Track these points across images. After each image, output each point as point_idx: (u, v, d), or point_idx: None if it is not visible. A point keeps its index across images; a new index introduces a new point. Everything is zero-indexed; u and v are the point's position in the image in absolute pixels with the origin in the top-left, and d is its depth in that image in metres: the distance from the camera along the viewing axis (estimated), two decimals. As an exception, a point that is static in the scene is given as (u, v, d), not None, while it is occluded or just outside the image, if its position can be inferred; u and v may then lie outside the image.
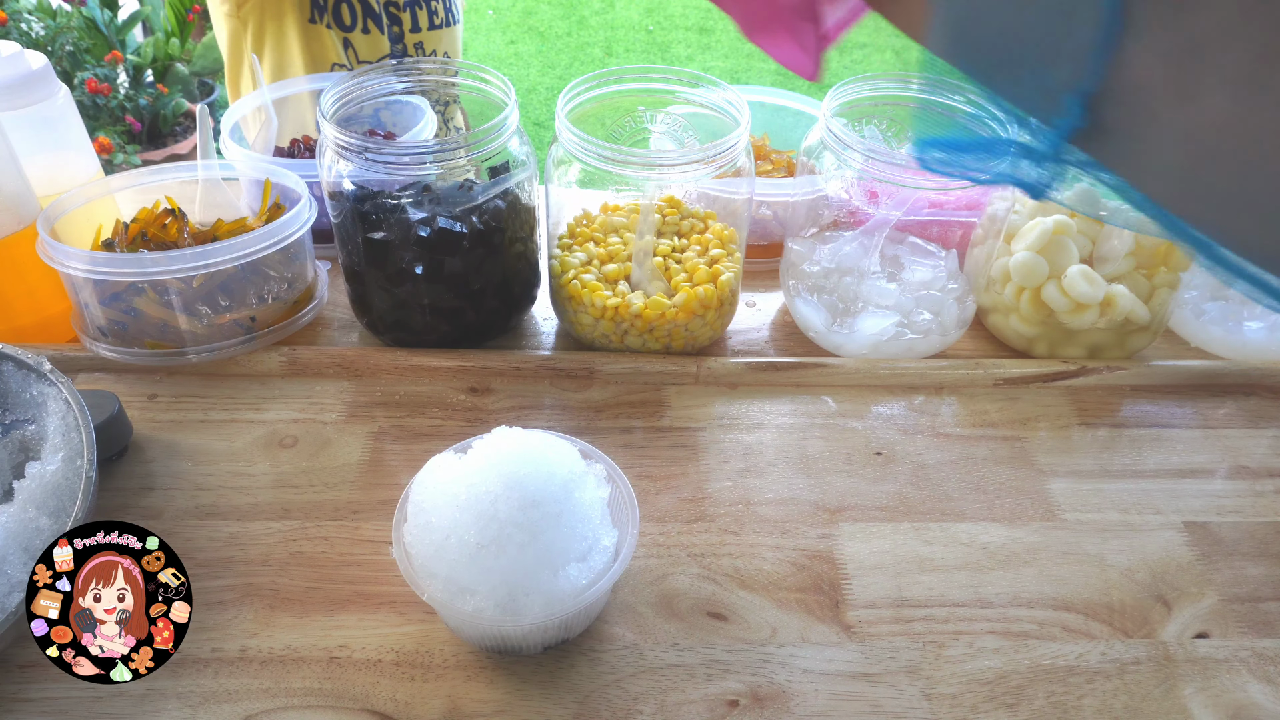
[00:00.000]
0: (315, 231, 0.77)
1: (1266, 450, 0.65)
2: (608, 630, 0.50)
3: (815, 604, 0.52)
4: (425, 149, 0.59)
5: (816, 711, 0.46)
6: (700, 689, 0.47)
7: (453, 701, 0.46)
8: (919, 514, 0.58)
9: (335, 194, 0.63)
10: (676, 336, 0.67)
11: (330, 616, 0.50)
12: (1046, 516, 0.59)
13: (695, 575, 0.53)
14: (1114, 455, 0.64)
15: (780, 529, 0.57)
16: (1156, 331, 0.71)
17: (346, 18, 1.12)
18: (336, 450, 0.61)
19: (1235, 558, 0.56)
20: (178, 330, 0.64)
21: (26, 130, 0.68)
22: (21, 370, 0.54)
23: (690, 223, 0.71)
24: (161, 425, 0.63)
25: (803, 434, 0.64)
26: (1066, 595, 0.53)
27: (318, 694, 0.46)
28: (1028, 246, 0.67)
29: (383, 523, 0.56)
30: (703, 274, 0.66)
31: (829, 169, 0.68)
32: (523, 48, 3.85)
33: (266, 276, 0.66)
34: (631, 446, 0.62)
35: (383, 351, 0.68)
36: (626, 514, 0.48)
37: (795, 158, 0.81)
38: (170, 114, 2.16)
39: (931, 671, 0.49)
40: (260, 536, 0.55)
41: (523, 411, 0.65)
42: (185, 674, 0.47)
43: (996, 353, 0.73)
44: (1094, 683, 0.48)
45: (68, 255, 0.61)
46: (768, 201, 0.81)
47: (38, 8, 2.02)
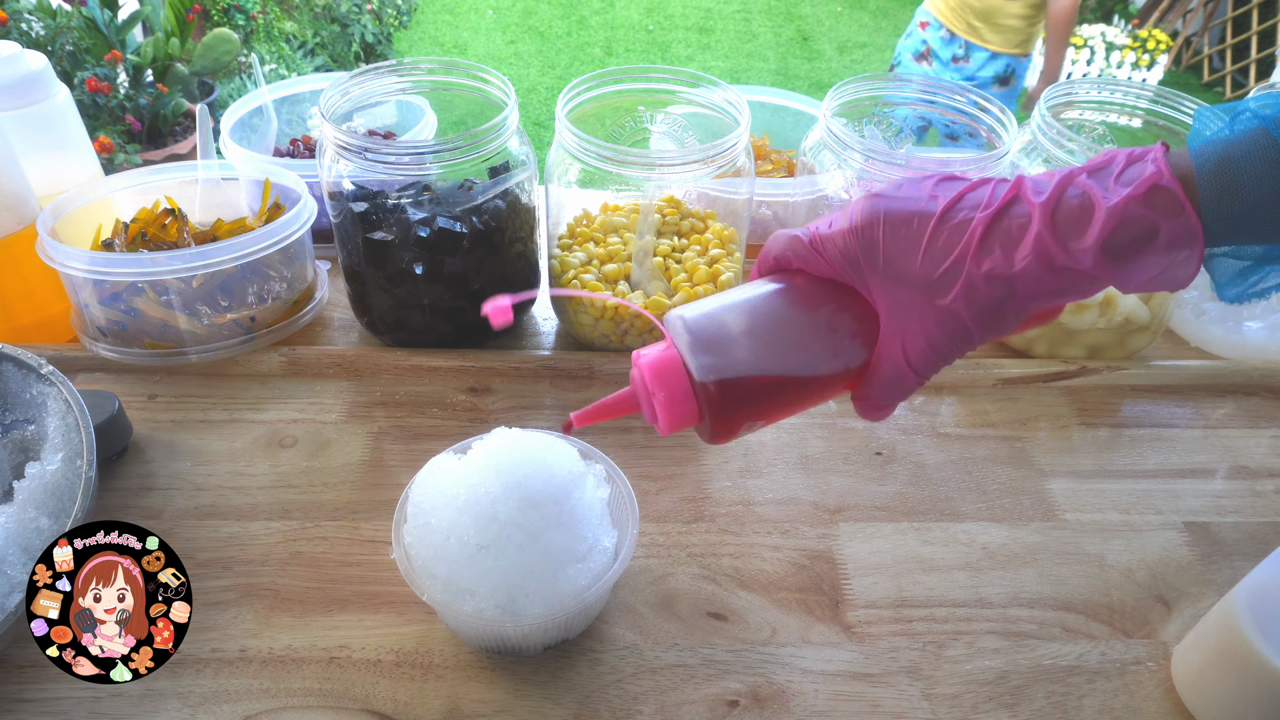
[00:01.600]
0: (315, 231, 0.78)
1: (1266, 450, 0.65)
2: (608, 630, 0.50)
3: (815, 604, 0.52)
4: (425, 149, 0.59)
5: (816, 711, 0.46)
6: (700, 689, 0.47)
7: (453, 701, 0.46)
8: (919, 514, 0.58)
9: (335, 194, 0.63)
10: (676, 336, 0.67)
11: (330, 616, 0.50)
12: (1046, 516, 0.59)
13: (695, 575, 0.53)
14: (1114, 455, 0.64)
15: (780, 529, 0.57)
16: (1156, 331, 0.71)
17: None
18: (336, 450, 0.61)
19: (1235, 558, 0.56)
20: (177, 330, 0.64)
21: (26, 130, 0.68)
22: (21, 370, 0.54)
23: (690, 223, 0.71)
24: (161, 425, 0.63)
25: (803, 434, 0.64)
26: (1066, 595, 0.53)
27: (318, 694, 0.46)
28: (1028, 246, 0.67)
29: (383, 523, 0.56)
30: (703, 274, 0.66)
31: (829, 169, 0.68)
32: (523, 48, 3.85)
33: (266, 276, 0.66)
34: (631, 446, 0.62)
35: (383, 351, 0.68)
36: (626, 514, 0.48)
37: (795, 158, 0.81)
38: (170, 114, 2.16)
39: (931, 672, 0.49)
40: (260, 536, 0.55)
41: (523, 411, 0.65)
42: (185, 674, 0.47)
43: (996, 353, 0.73)
44: (1094, 683, 0.48)
45: (68, 255, 0.61)
46: (768, 201, 0.81)
47: (38, 8, 2.02)
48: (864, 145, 0.63)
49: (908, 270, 0.36)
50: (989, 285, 0.35)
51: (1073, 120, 0.71)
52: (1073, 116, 0.72)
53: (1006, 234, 0.35)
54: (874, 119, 0.72)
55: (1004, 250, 0.35)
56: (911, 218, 0.36)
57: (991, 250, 0.35)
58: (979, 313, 0.36)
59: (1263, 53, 3.58)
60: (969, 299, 0.35)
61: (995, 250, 0.35)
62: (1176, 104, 0.68)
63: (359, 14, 3.84)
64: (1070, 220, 0.34)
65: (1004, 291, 0.35)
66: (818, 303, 0.40)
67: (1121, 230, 0.33)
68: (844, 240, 0.38)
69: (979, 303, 0.35)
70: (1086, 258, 0.33)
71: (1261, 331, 0.72)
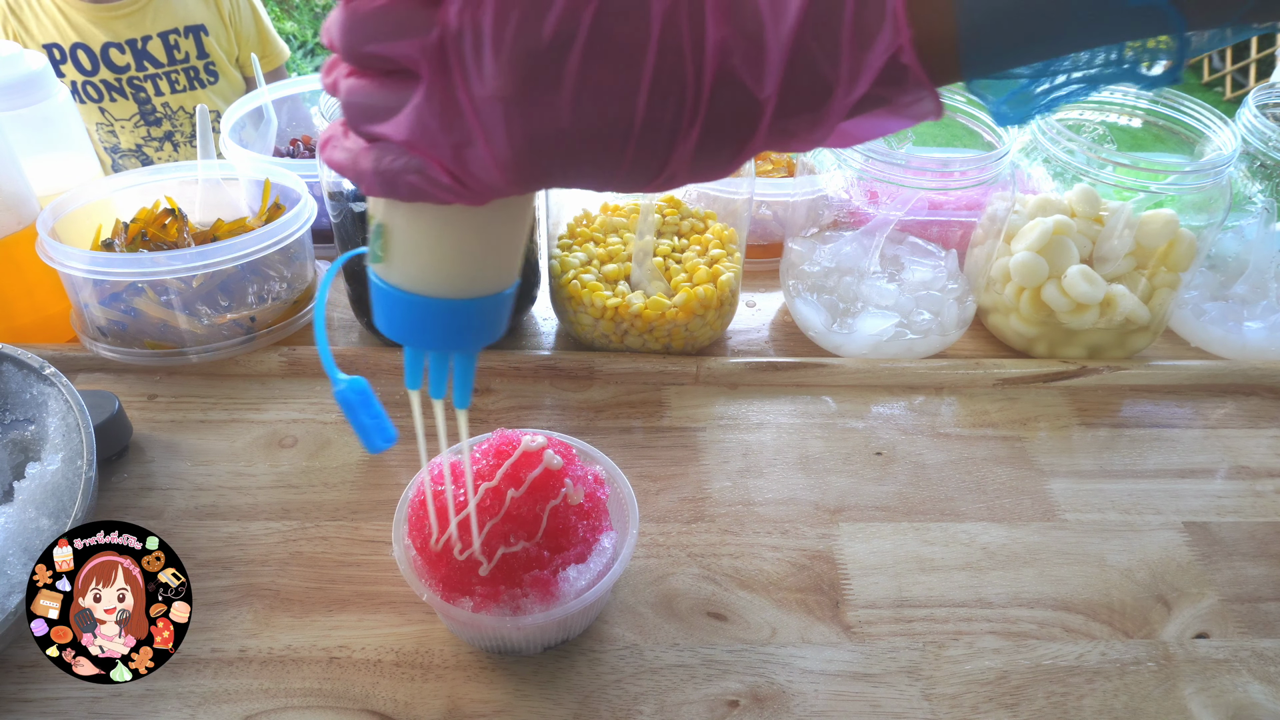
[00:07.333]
0: (315, 231, 0.77)
1: (1266, 450, 0.65)
2: (608, 630, 0.50)
3: (815, 604, 0.52)
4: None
5: (816, 712, 0.46)
6: (700, 689, 0.47)
7: (453, 702, 0.46)
8: (919, 514, 0.58)
9: (335, 194, 0.63)
10: (676, 336, 0.67)
11: (330, 616, 0.50)
12: (1046, 516, 0.59)
13: (695, 575, 0.53)
14: (1114, 455, 0.64)
15: (780, 529, 0.57)
16: (1156, 331, 0.71)
17: (93, 93, 1.29)
18: (336, 450, 0.61)
19: (1235, 558, 0.56)
20: (177, 330, 0.64)
21: (26, 130, 0.68)
22: (21, 370, 0.54)
23: (690, 223, 0.71)
24: (161, 425, 0.63)
25: (803, 434, 0.64)
26: (1066, 595, 0.53)
27: (318, 694, 0.46)
28: (1028, 246, 0.67)
29: (383, 523, 0.56)
30: (703, 274, 0.66)
31: (829, 169, 0.68)
32: (523, 47, 3.84)
33: (266, 276, 0.66)
34: (631, 446, 0.62)
35: (383, 351, 0.68)
36: (626, 514, 0.48)
37: (795, 158, 0.81)
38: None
39: (931, 672, 0.49)
40: (260, 536, 0.55)
41: (523, 411, 0.65)
42: (185, 674, 0.47)
43: (996, 353, 0.73)
44: (1094, 683, 0.48)
45: (67, 255, 0.61)
46: (768, 201, 0.81)
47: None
48: (864, 145, 0.63)
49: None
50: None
51: (1073, 120, 0.72)
52: (1073, 116, 0.72)
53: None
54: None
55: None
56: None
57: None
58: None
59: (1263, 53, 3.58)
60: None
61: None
62: (1176, 104, 0.68)
63: (359, 14, 3.83)
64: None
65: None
66: None
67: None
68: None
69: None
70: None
71: (1261, 331, 0.72)
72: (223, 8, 1.34)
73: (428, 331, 0.33)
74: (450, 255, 0.31)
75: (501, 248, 0.32)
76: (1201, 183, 0.62)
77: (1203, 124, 0.67)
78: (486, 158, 0.25)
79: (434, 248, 0.31)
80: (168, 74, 1.31)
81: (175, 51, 1.30)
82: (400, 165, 0.27)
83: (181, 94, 1.34)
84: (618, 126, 0.25)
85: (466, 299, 0.32)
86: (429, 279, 0.31)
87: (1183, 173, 0.62)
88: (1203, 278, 0.76)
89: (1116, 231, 0.67)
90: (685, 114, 0.25)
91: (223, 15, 1.34)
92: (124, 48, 1.27)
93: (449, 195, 0.27)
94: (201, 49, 1.33)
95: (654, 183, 0.27)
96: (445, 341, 0.33)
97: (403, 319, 0.33)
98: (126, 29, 1.26)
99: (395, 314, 0.33)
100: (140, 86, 1.31)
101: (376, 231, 0.31)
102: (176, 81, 1.32)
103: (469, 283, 0.32)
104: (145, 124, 1.34)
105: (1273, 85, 0.74)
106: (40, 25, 1.24)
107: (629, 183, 0.27)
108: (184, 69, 1.32)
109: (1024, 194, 0.72)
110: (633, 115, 0.24)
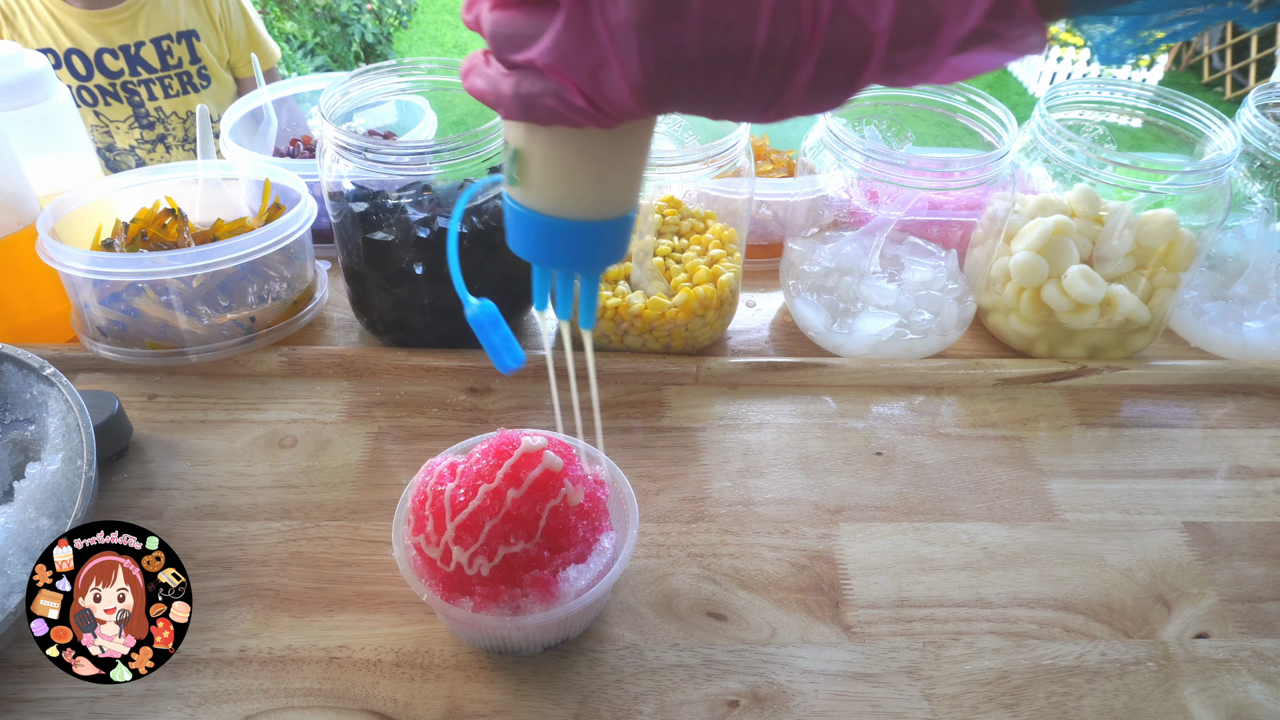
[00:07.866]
0: (315, 231, 0.78)
1: (1266, 450, 0.65)
2: (608, 630, 0.50)
3: (815, 604, 0.52)
4: (425, 149, 0.59)
5: (816, 712, 0.46)
6: (700, 689, 0.47)
7: (453, 702, 0.46)
8: (919, 514, 0.58)
9: (335, 194, 0.63)
10: (676, 336, 0.67)
11: (330, 616, 0.50)
12: (1046, 516, 0.59)
13: (695, 575, 0.53)
14: (1114, 455, 0.64)
15: (780, 529, 0.57)
16: (1156, 331, 0.71)
17: (87, 98, 1.31)
18: (336, 450, 0.61)
19: (1235, 558, 0.56)
20: (177, 330, 0.64)
21: (26, 130, 0.68)
22: (21, 370, 0.54)
23: (690, 223, 0.71)
24: (161, 425, 0.63)
25: (803, 434, 0.64)
26: (1066, 595, 0.53)
27: (318, 694, 0.46)
28: (1028, 246, 0.67)
29: (383, 523, 0.56)
30: (703, 274, 0.66)
31: (829, 169, 0.68)
32: (523, 47, 3.84)
33: (266, 276, 0.66)
34: (631, 446, 0.62)
35: (383, 351, 0.68)
36: (626, 514, 0.48)
37: (795, 158, 0.81)
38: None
39: (931, 672, 0.49)
40: (260, 536, 0.55)
41: (523, 411, 0.65)
42: (185, 674, 0.47)
43: (996, 353, 0.73)
44: (1094, 683, 0.48)
45: (68, 255, 0.61)
46: (768, 201, 0.81)
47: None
48: (864, 145, 0.63)
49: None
50: None
51: (1073, 120, 0.71)
52: (1073, 116, 0.72)
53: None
54: (874, 119, 0.72)
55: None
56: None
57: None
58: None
59: (1263, 53, 3.58)
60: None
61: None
62: (1176, 104, 0.68)
63: (359, 14, 3.84)
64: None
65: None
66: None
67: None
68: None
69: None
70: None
71: (1261, 331, 0.72)
72: (213, 12, 1.34)
73: (558, 252, 0.35)
74: (581, 178, 0.33)
75: (627, 172, 0.34)
76: (1201, 183, 0.62)
77: (1203, 124, 0.67)
78: (619, 80, 0.27)
79: (567, 171, 0.33)
80: (161, 79, 1.32)
81: (168, 57, 1.31)
82: (539, 89, 0.29)
83: (174, 99, 1.35)
84: (738, 54, 0.26)
85: (594, 221, 0.34)
86: (561, 201, 0.34)
87: (1183, 173, 0.62)
88: (1203, 278, 0.76)
89: (1116, 231, 0.67)
90: (801, 45, 0.26)
91: (213, 19, 1.34)
92: (118, 53, 1.27)
93: (583, 118, 0.29)
94: (194, 54, 1.33)
95: (769, 111, 0.28)
96: (574, 262, 0.36)
97: (536, 240, 0.35)
98: (120, 35, 1.26)
99: (529, 235, 0.35)
100: (134, 91, 1.31)
101: (513, 157, 0.33)
102: (170, 86, 1.33)
103: (597, 205, 0.34)
104: (139, 127, 1.35)
105: (1273, 85, 0.74)
106: (34, 31, 1.24)
107: (746, 110, 0.28)
108: (177, 74, 1.33)
109: (1024, 194, 0.72)
110: (752, 44, 0.26)
